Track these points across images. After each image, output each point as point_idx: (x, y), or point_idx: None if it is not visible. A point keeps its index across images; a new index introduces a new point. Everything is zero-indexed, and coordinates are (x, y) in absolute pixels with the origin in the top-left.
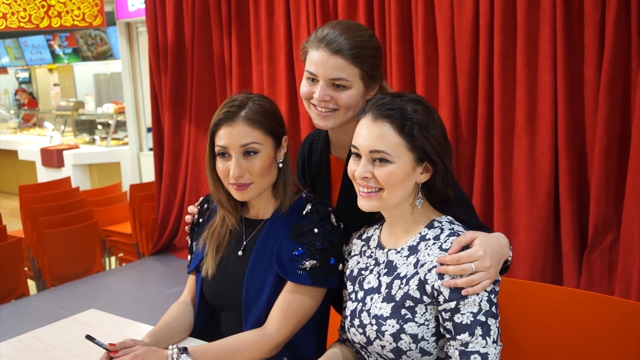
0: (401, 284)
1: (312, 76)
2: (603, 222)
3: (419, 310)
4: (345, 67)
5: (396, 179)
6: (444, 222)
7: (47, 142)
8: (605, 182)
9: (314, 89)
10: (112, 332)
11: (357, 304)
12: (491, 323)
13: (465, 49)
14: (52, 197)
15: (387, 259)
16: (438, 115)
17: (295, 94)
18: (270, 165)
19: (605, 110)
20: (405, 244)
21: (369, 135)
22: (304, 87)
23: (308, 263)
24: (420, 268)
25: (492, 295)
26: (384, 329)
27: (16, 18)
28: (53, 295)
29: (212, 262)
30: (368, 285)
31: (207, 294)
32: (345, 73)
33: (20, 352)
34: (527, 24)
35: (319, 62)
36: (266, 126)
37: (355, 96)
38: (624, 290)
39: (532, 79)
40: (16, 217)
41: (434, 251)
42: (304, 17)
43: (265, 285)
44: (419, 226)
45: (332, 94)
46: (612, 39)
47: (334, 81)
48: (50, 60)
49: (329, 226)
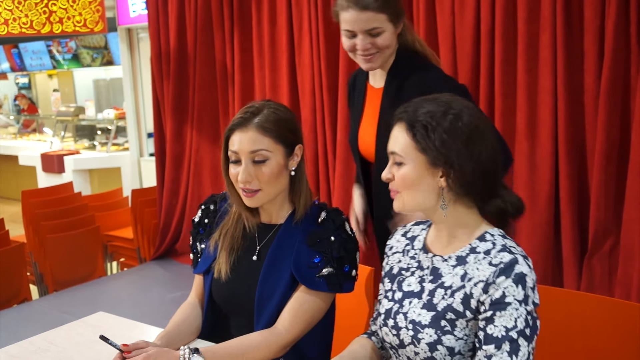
0: (445, 294)
1: (351, 33)
2: (603, 226)
3: (459, 324)
4: (375, 17)
5: (409, 182)
6: (496, 235)
7: (47, 148)
8: (605, 187)
9: (355, 42)
10: (121, 334)
11: (394, 304)
12: (522, 344)
13: (467, 56)
14: (54, 202)
15: (433, 265)
16: (470, 117)
17: (297, 100)
18: (279, 173)
19: (605, 115)
20: (454, 253)
21: (391, 137)
22: (345, 42)
23: (325, 270)
24: (467, 282)
25: (530, 318)
26: (421, 337)
27: (18, 24)
28: (55, 300)
29: (226, 264)
30: (408, 287)
31: (218, 297)
32: (377, 22)
33: (32, 354)
34: (527, 31)
35: (353, 19)
36: (277, 134)
37: (390, 36)
38: (624, 294)
39: (533, 85)
40: (16, 222)
41: (484, 266)
42: (306, 24)
43: (278, 289)
44: (467, 235)
45: (371, 41)
46: (612, 45)
47: (370, 31)
48: (50, 66)
49: (344, 234)
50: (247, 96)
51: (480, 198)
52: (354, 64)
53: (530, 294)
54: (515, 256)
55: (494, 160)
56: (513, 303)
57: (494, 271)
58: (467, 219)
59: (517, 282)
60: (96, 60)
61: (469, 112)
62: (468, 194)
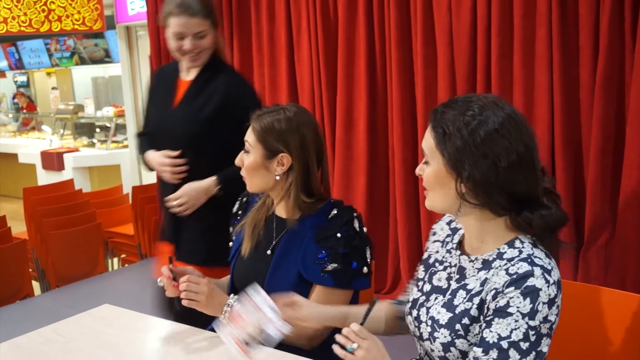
0: (465, 297)
1: (180, 35)
2: (599, 220)
3: (472, 329)
4: (202, 23)
5: (431, 181)
6: (526, 243)
7: (46, 146)
8: (600, 180)
9: (182, 43)
10: (128, 325)
11: (421, 295)
12: (512, 356)
13: (464, 52)
14: (55, 199)
15: (460, 264)
16: (494, 125)
17: (296, 97)
18: (255, 169)
19: (600, 110)
20: (481, 255)
21: (425, 134)
22: (173, 44)
23: (331, 266)
24: (485, 287)
25: (532, 333)
26: (437, 336)
27: (17, 22)
28: (58, 296)
29: (249, 241)
30: (438, 282)
31: (236, 285)
32: (203, 26)
33: (40, 344)
34: (523, 27)
35: (184, 24)
36: (260, 136)
37: (212, 39)
38: (619, 286)
39: (529, 81)
40: (17, 220)
41: (501, 273)
42: (305, 22)
43: (285, 284)
44: (496, 240)
45: (197, 43)
46: (607, 41)
47: (198, 34)
48: (48, 64)
49: (351, 231)
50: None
51: (504, 210)
52: (353, 61)
53: (540, 309)
54: (533, 268)
55: (523, 171)
56: (515, 314)
57: (506, 281)
58: (492, 226)
59: (527, 295)
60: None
61: (499, 120)
62: (484, 205)
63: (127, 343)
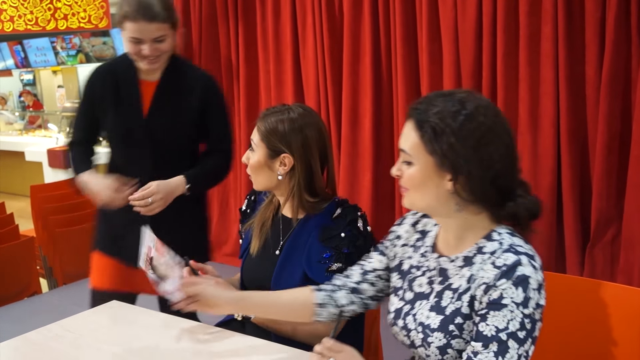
0: (452, 297)
1: (138, 40)
2: (605, 216)
3: (466, 327)
4: (161, 27)
5: (417, 182)
6: (503, 233)
7: (53, 144)
8: (606, 177)
9: (140, 47)
10: (136, 320)
11: (404, 304)
12: (512, 346)
13: (469, 49)
14: (62, 197)
15: (440, 267)
16: (484, 118)
17: (301, 94)
18: (259, 168)
19: (606, 107)
20: (461, 254)
21: (402, 133)
22: (131, 48)
23: (335, 266)
24: (473, 284)
25: (527, 321)
26: (430, 341)
27: (23, 21)
28: (65, 293)
29: (257, 240)
30: (419, 289)
31: (245, 283)
32: (162, 31)
33: (50, 340)
34: (529, 24)
35: (141, 29)
36: (264, 136)
37: (171, 42)
38: (625, 283)
39: (535, 78)
40: (24, 217)
41: (488, 267)
42: (310, 18)
43: (291, 284)
44: (475, 235)
45: (156, 47)
46: (613, 37)
47: (157, 39)
48: (54, 62)
49: (355, 230)
50: (252, 90)
51: (491, 203)
52: (358, 57)
53: (532, 296)
54: (519, 257)
55: (508, 163)
56: (509, 305)
57: (497, 274)
58: (476, 221)
59: (518, 284)
60: None
61: (483, 111)
62: (478, 201)
63: (136, 339)
